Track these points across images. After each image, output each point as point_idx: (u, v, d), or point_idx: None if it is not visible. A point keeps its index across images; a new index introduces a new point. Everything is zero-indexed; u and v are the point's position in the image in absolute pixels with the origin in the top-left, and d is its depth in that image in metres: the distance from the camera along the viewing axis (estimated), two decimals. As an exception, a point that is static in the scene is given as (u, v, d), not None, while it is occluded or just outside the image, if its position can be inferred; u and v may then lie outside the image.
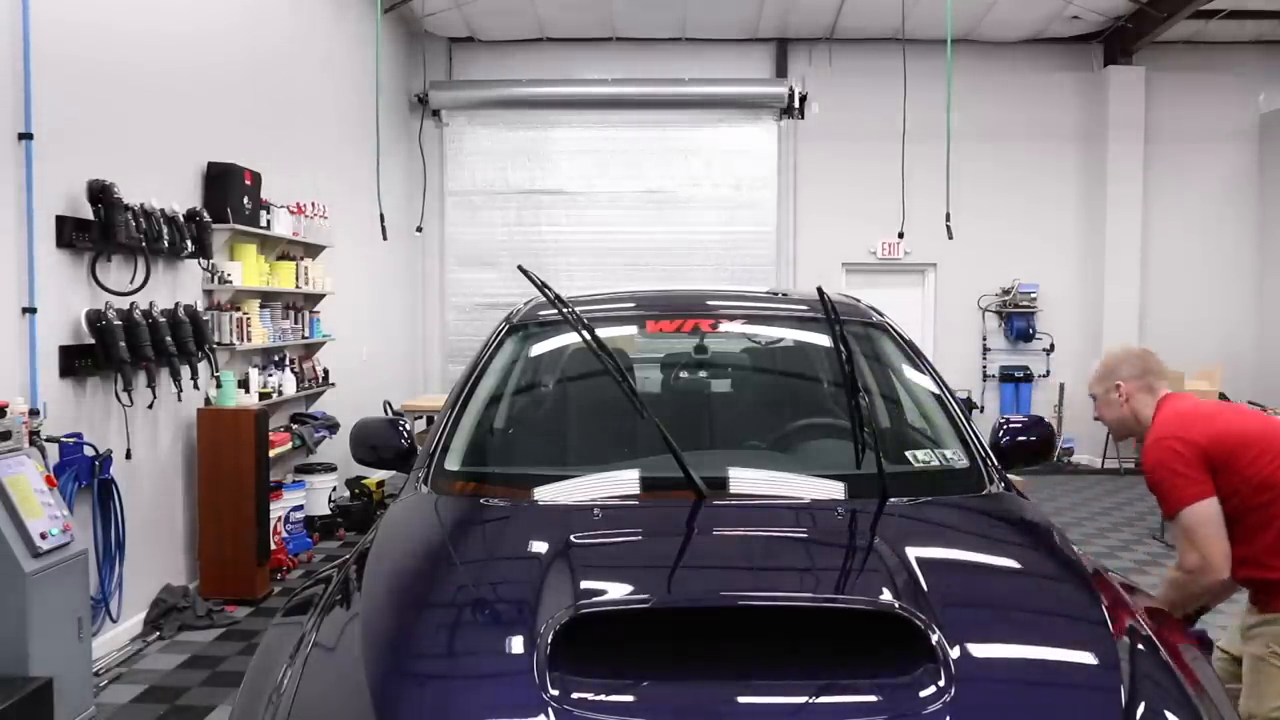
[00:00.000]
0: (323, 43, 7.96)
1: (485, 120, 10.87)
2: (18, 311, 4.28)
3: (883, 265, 10.96)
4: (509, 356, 3.19)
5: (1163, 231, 10.83)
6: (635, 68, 10.67)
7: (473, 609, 1.99)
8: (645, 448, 2.64)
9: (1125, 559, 6.94)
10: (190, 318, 5.28)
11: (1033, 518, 2.47)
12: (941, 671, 1.62)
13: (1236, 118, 10.88)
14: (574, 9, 10.03)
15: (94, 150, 4.75)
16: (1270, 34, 10.66)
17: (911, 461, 2.73)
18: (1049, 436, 3.05)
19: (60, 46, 4.50)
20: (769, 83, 10.77)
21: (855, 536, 2.28)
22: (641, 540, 2.33)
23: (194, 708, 4.30)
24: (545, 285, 2.74)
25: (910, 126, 8.79)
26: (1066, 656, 1.80)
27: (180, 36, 5.59)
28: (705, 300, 3.64)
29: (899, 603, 1.78)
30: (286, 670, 1.80)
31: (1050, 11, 10.05)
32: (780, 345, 3.49)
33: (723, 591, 1.96)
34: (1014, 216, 10.83)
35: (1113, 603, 1.96)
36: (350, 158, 8.24)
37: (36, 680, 3.54)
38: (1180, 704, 1.68)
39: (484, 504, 2.56)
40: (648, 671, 1.69)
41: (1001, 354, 11.09)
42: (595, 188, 10.84)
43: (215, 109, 5.99)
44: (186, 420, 5.64)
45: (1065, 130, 10.88)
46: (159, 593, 5.35)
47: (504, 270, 10.56)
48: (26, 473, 3.80)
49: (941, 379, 3.11)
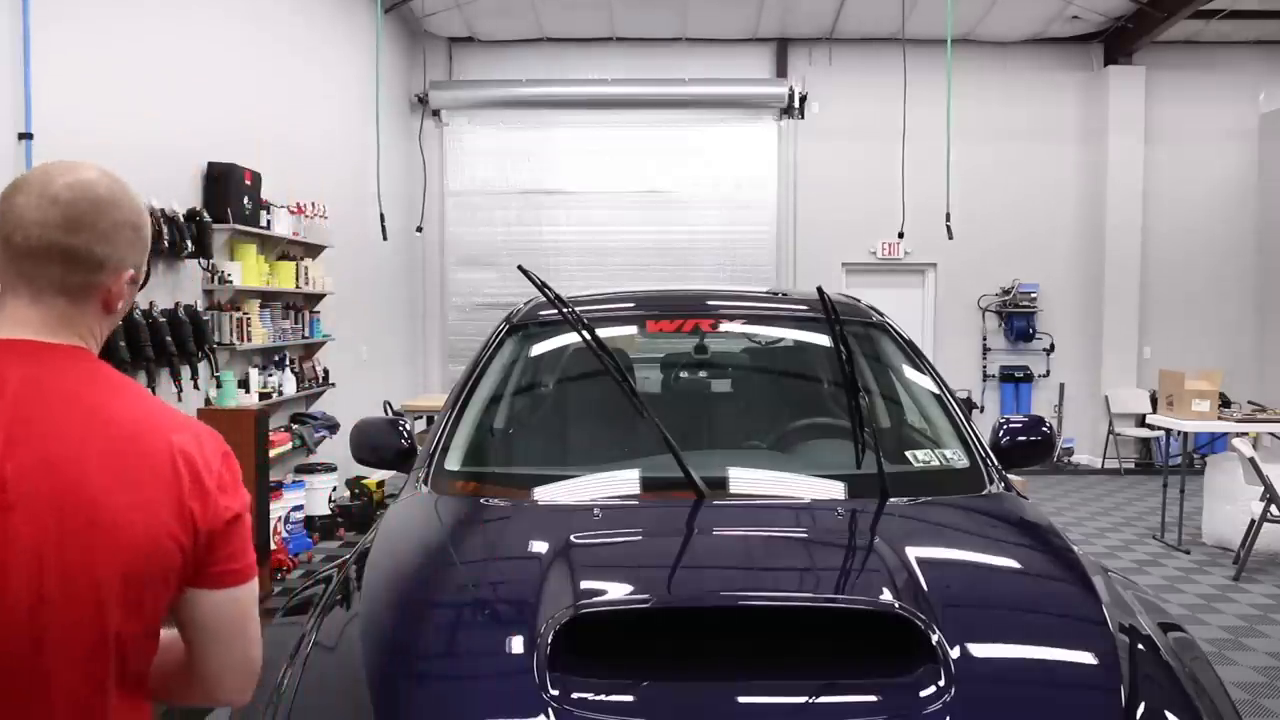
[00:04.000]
0: (323, 43, 7.96)
1: (485, 120, 10.86)
2: (18, 311, 4.28)
3: (883, 265, 10.96)
4: (509, 356, 3.19)
5: (1163, 231, 10.83)
6: (635, 68, 10.67)
7: (473, 609, 1.99)
8: (645, 448, 2.64)
9: (1125, 559, 6.94)
10: (190, 318, 5.29)
11: (1033, 518, 2.47)
12: (941, 671, 1.62)
13: (1236, 118, 10.88)
14: (574, 9, 10.02)
15: (94, 150, 4.74)
16: (1270, 34, 10.66)
17: (911, 461, 2.73)
18: (1049, 436, 3.05)
19: (60, 46, 4.50)
20: (769, 83, 10.77)
21: (855, 536, 2.28)
22: (641, 540, 2.33)
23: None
24: (545, 285, 2.74)
25: (910, 126, 8.79)
26: (1066, 656, 1.80)
27: (180, 36, 5.59)
28: (705, 300, 3.64)
29: (899, 603, 1.78)
30: (286, 670, 1.79)
31: (1050, 11, 10.05)
32: (780, 345, 3.49)
33: (723, 592, 1.96)
34: (1014, 217, 10.83)
35: (1113, 603, 1.96)
36: (350, 158, 8.24)
37: (36, 680, 3.53)
38: (1180, 704, 1.68)
39: (484, 504, 2.56)
40: (648, 671, 1.69)
41: (1001, 354, 11.09)
42: (595, 188, 10.83)
43: (215, 109, 5.99)
44: (186, 420, 5.64)
45: (1065, 130, 10.88)
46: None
47: (504, 270, 10.55)
48: (26, 473, 3.79)
49: (941, 379, 3.11)
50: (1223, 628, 5.41)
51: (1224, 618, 5.60)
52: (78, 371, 1.26)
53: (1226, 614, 5.66)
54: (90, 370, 1.28)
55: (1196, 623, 5.45)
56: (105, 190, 1.33)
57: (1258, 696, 4.45)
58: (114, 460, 1.21)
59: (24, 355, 1.24)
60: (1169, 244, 10.86)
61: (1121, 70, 10.67)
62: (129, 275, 1.33)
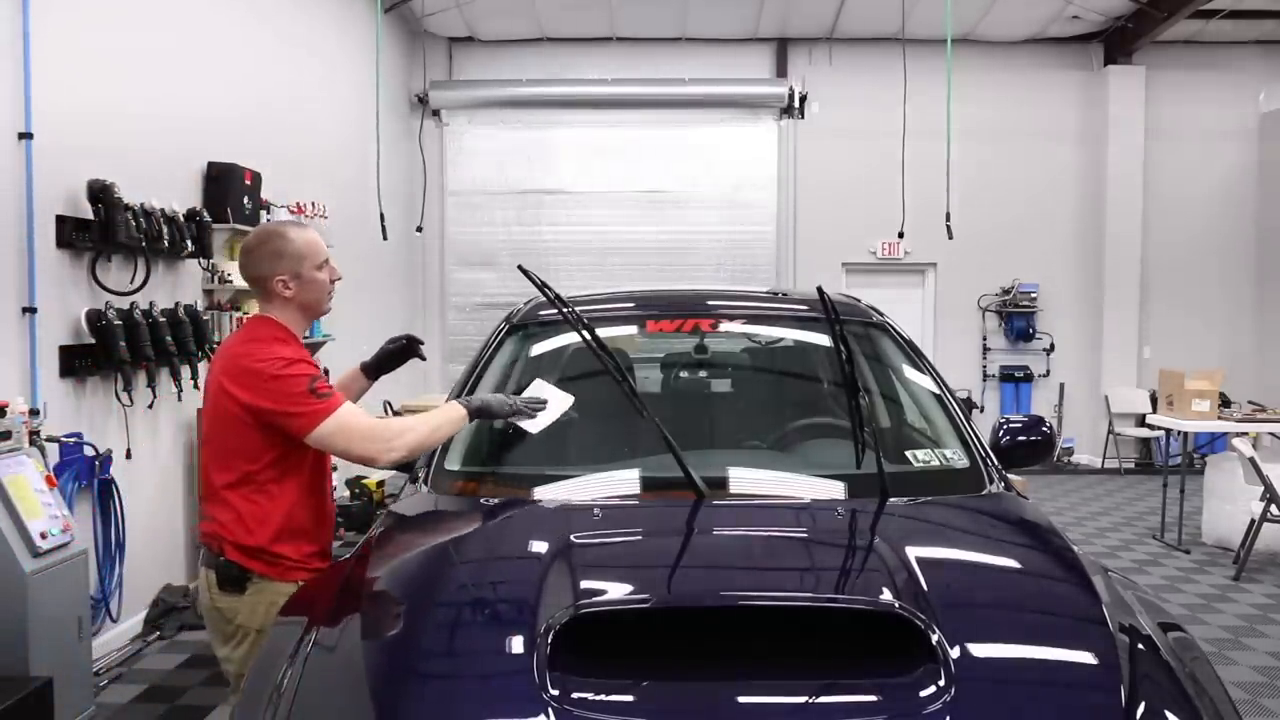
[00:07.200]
0: (323, 42, 7.96)
1: (485, 120, 10.86)
2: (18, 311, 4.28)
3: (883, 265, 10.96)
4: (509, 356, 3.20)
5: (1163, 231, 10.84)
6: (635, 68, 10.67)
7: (473, 609, 1.99)
8: (645, 447, 2.64)
9: (1125, 559, 6.94)
10: (190, 317, 5.28)
11: (1033, 518, 2.47)
12: (941, 671, 1.62)
13: (1236, 117, 10.88)
14: (574, 9, 10.03)
15: (94, 150, 4.75)
16: (1270, 34, 10.66)
17: (911, 461, 2.72)
18: (1049, 436, 3.05)
19: (61, 46, 4.50)
20: (769, 82, 10.77)
21: (855, 536, 2.28)
22: (641, 540, 2.33)
23: (194, 708, 4.30)
24: (545, 285, 2.75)
25: (910, 126, 8.78)
26: (1066, 656, 1.80)
27: (181, 36, 5.59)
28: (705, 300, 3.64)
29: (899, 603, 1.78)
30: (286, 670, 1.79)
31: (1050, 11, 10.06)
32: (780, 345, 3.49)
33: (722, 591, 1.96)
34: (1014, 216, 10.83)
35: (1113, 603, 1.96)
36: (350, 157, 8.23)
37: (36, 680, 3.54)
38: (1180, 704, 1.67)
39: (484, 504, 2.56)
40: (648, 671, 1.68)
41: (1001, 354, 11.09)
42: (595, 187, 10.83)
43: (215, 109, 5.99)
44: (186, 420, 5.64)
45: (1065, 130, 10.89)
46: (159, 592, 5.35)
47: (504, 270, 10.56)
48: (26, 472, 3.80)
49: (941, 379, 3.11)
50: (1223, 628, 5.41)
51: (1224, 618, 5.60)
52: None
53: (1226, 614, 5.67)
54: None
55: (1196, 623, 5.45)
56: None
57: (1258, 696, 4.45)
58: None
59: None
60: (1169, 244, 10.86)
61: (1121, 70, 10.67)
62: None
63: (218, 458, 2.55)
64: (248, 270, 2.63)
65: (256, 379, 2.45)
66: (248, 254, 2.61)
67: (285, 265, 2.56)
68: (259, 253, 2.58)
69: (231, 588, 2.51)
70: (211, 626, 2.60)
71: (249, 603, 2.50)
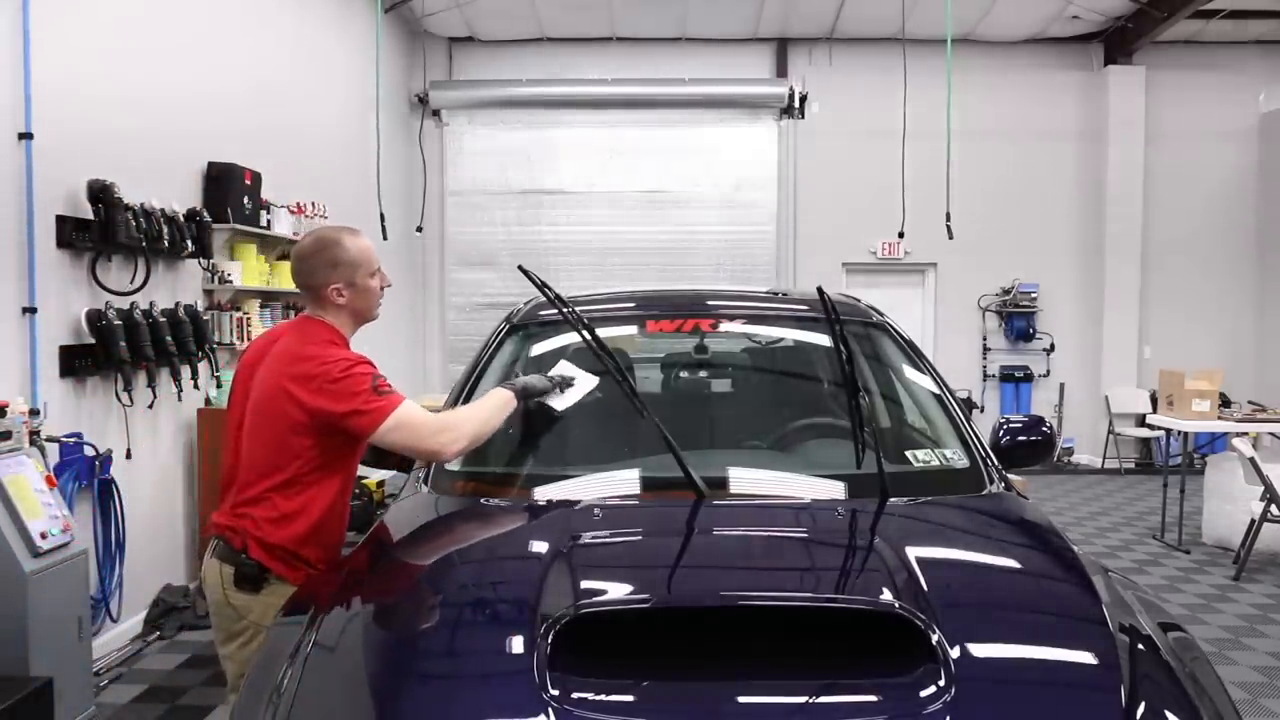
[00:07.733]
0: (323, 42, 7.96)
1: (485, 120, 10.86)
2: (18, 311, 4.28)
3: (883, 265, 10.96)
4: (509, 356, 3.20)
5: (1163, 231, 10.84)
6: (635, 68, 10.67)
7: (473, 608, 1.99)
8: (645, 447, 2.64)
9: (1125, 559, 6.94)
10: (190, 317, 5.28)
11: (1033, 518, 2.47)
12: (941, 671, 1.62)
13: (1236, 118, 10.88)
14: (574, 9, 10.03)
15: (94, 150, 4.75)
16: (1270, 34, 10.66)
17: (911, 461, 2.72)
18: (1049, 436, 3.05)
19: (61, 46, 4.49)
20: (769, 82, 10.77)
21: (855, 536, 2.28)
22: (642, 540, 2.33)
23: (194, 708, 4.30)
24: (545, 285, 2.75)
25: (910, 126, 8.78)
26: (1066, 656, 1.80)
27: (181, 36, 5.59)
28: (705, 300, 3.64)
29: (899, 603, 1.78)
30: (286, 670, 1.79)
31: (1050, 11, 10.06)
32: (780, 345, 3.49)
33: (722, 591, 1.96)
34: (1014, 216, 10.83)
35: (1113, 603, 1.96)
36: (350, 158, 8.23)
37: (36, 680, 3.54)
38: (1180, 704, 1.67)
39: (484, 504, 2.56)
40: (648, 671, 1.68)
41: (1001, 354, 11.09)
42: (595, 188, 10.83)
43: (215, 109, 5.99)
44: (187, 420, 5.64)
45: (1065, 130, 10.88)
46: (159, 593, 5.35)
47: (504, 270, 10.55)
48: (26, 472, 3.80)
49: (941, 379, 3.11)
50: (1223, 628, 5.41)
51: (1224, 618, 5.60)
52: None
53: (1226, 614, 5.67)
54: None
55: (1196, 623, 5.45)
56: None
57: (1258, 696, 4.45)
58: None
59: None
60: (1169, 243, 10.86)
61: (1121, 70, 10.67)
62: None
63: (268, 457, 2.52)
64: (302, 278, 2.62)
65: (320, 381, 2.45)
66: (302, 260, 2.60)
67: (340, 274, 2.57)
68: (314, 261, 2.58)
69: (248, 586, 2.50)
70: (219, 622, 2.59)
71: (263, 602, 2.49)
